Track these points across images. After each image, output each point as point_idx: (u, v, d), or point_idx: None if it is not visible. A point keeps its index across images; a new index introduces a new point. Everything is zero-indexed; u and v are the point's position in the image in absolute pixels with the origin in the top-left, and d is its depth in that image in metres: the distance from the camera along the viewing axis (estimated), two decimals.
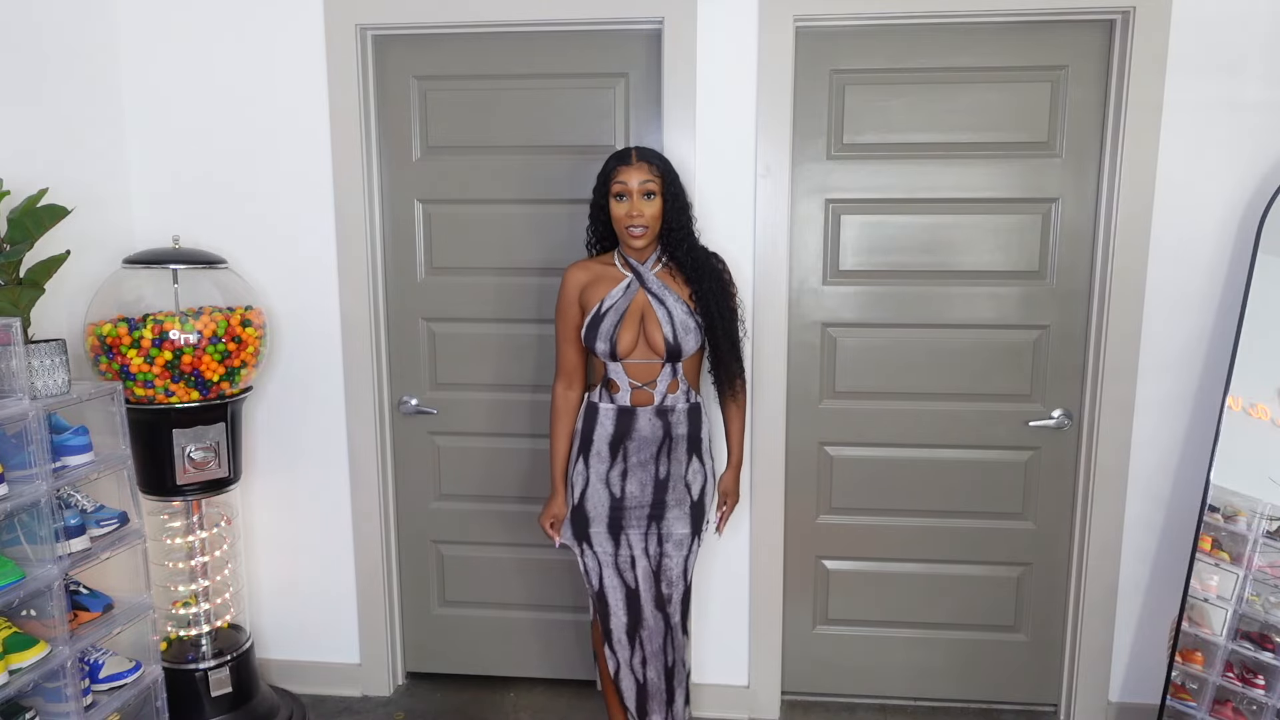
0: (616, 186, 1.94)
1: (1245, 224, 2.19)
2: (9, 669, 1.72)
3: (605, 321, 1.96)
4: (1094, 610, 2.40)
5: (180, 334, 2.11)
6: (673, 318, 1.95)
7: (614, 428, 1.98)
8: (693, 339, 1.96)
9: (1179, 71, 2.16)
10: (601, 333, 1.96)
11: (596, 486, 2.00)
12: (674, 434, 1.99)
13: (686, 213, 2.01)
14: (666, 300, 1.97)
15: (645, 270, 2.00)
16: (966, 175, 2.32)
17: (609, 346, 1.95)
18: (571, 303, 2.03)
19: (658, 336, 1.95)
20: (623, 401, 1.98)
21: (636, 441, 1.98)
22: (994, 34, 2.26)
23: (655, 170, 1.95)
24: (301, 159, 2.42)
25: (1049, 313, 2.37)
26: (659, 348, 1.95)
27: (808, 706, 2.58)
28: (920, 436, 2.44)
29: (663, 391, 1.98)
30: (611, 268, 2.02)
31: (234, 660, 2.36)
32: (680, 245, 1.98)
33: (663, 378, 1.98)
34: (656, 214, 1.95)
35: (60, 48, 2.23)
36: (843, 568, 2.54)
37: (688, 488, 2.03)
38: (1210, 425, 2.20)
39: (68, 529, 1.87)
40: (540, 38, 2.38)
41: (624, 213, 1.94)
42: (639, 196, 1.93)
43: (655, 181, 1.94)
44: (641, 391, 1.98)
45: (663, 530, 2.01)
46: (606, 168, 1.98)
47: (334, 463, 2.55)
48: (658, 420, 1.98)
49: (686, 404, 2.01)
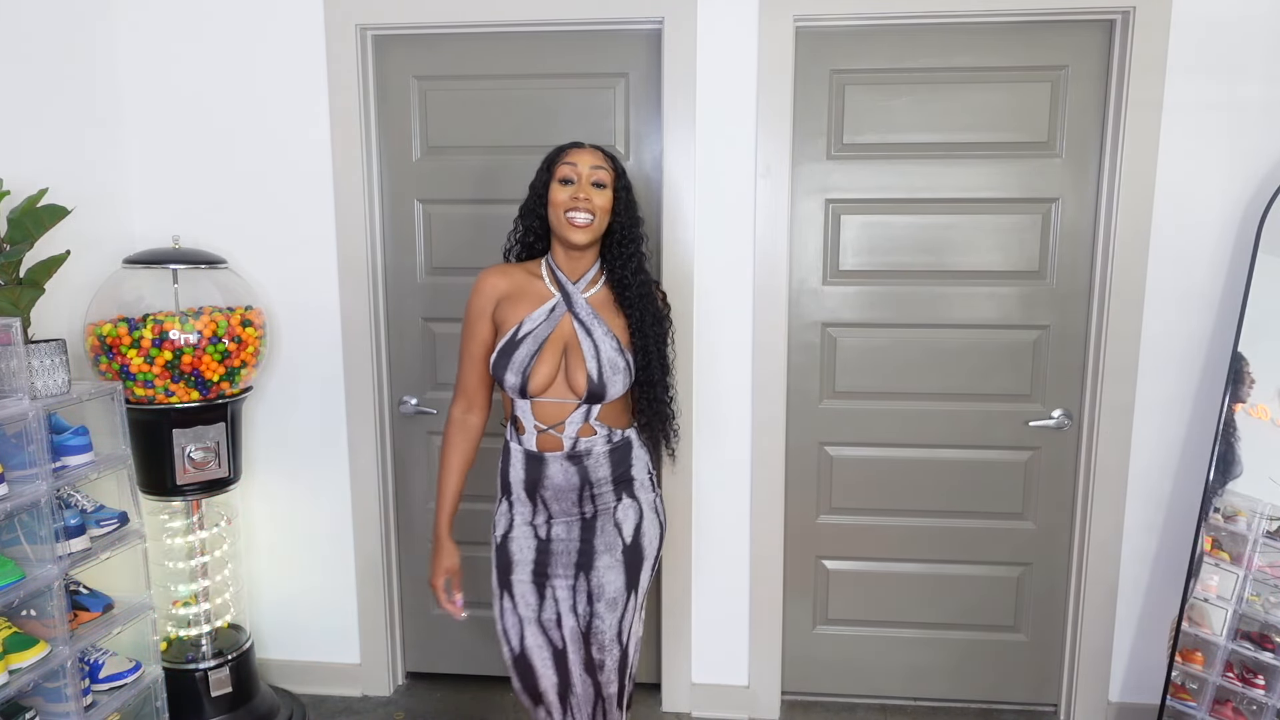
0: (564, 169, 1.67)
1: (1245, 224, 2.19)
2: (9, 669, 1.72)
3: (520, 350, 1.65)
4: (1094, 610, 2.40)
5: (180, 334, 2.11)
6: (599, 354, 1.66)
7: (524, 473, 1.71)
8: (620, 382, 1.67)
9: (1179, 71, 2.16)
10: (514, 363, 1.65)
11: (521, 528, 1.74)
12: (593, 478, 1.70)
13: (637, 225, 1.75)
14: (594, 332, 1.67)
15: (575, 292, 1.71)
16: (966, 175, 2.32)
17: (520, 381, 1.64)
18: (483, 315, 1.72)
19: (580, 376, 1.65)
20: (529, 445, 1.69)
21: (551, 490, 1.70)
22: (994, 34, 2.26)
23: (609, 163, 1.72)
24: (302, 159, 2.42)
25: (1049, 313, 2.37)
26: (579, 388, 1.65)
27: (808, 706, 2.58)
28: (920, 436, 2.44)
29: (572, 436, 1.68)
30: (537, 281, 1.72)
31: (234, 660, 2.36)
32: (627, 263, 1.71)
33: (572, 421, 1.68)
34: (605, 206, 1.69)
35: (61, 48, 2.23)
36: (843, 568, 2.54)
37: (618, 528, 1.71)
38: (1211, 425, 2.20)
39: (68, 529, 1.87)
40: (540, 38, 2.38)
41: (568, 196, 1.65)
42: (587, 182, 1.67)
43: (607, 173, 1.70)
44: (548, 435, 1.68)
45: (592, 584, 1.70)
46: (552, 154, 1.73)
47: (334, 463, 2.55)
48: (571, 466, 1.69)
49: (608, 445, 1.71)
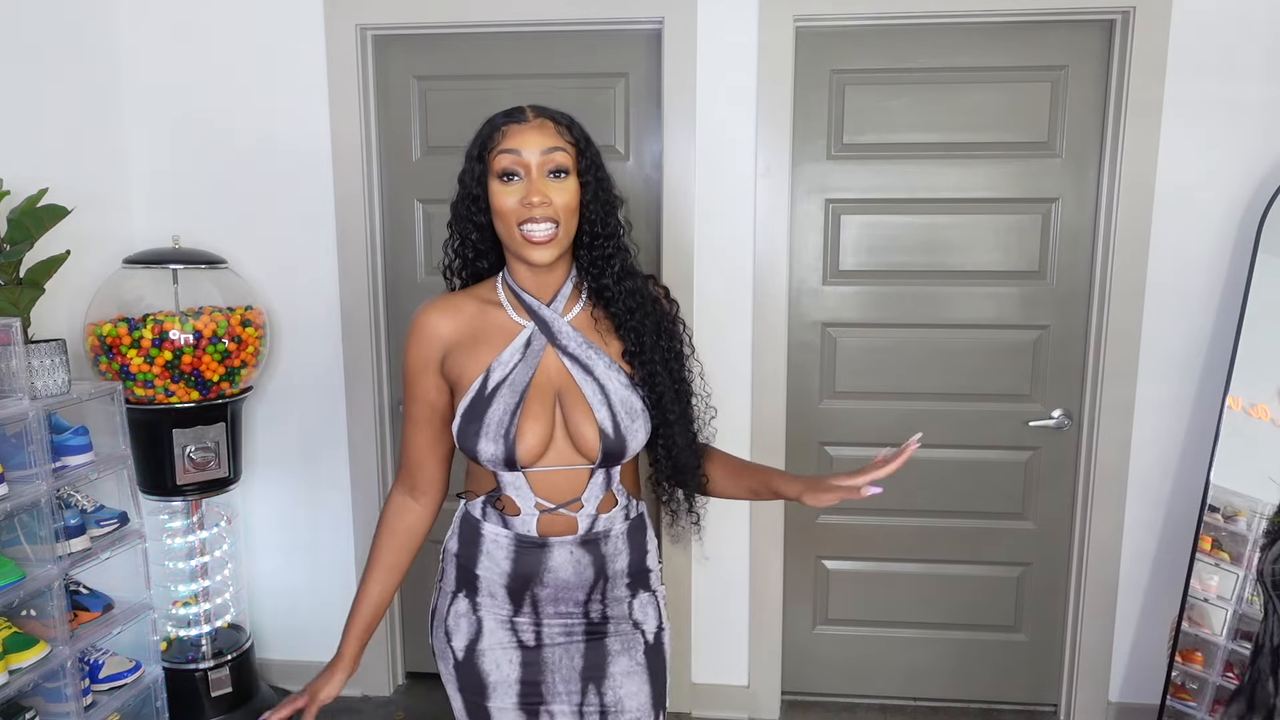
0: (503, 159, 1.16)
1: (1245, 224, 2.19)
2: (9, 669, 1.72)
3: (496, 406, 1.18)
4: (1094, 610, 2.40)
5: (180, 334, 2.11)
6: (609, 396, 1.20)
7: (513, 566, 1.24)
8: (641, 429, 1.22)
9: (1179, 72, 2.16)
10: (489, 426, 1.18)
11: (497, 634, 1.27)
12: (611, 570, 1.26)
13: (615, 212, 1.24)
14: (595, 367, 1.22)
15: (554, 317, 1.23)
16: (966, 175, 2.32)
17: (504, 449, 1.17)
18: (426, 369, 1.25)
19: (588, 429, 1.19)
20: (525, 530, 1.23)
21: (552, 588, 1.24)
22: (994, 34, 2.26)
23: (567, 135, 1.19)
24: (302, 159, 2.41)
25: (1049, 313, 2.37)
26: (589, 448, 1.19)
27: (808, 706, 2.58)
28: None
29: (591, 513, 1.23)
30: (496, 310, 1.25)
31: (234, 660, 2.36)
32: (607, 265, 1.23)
33: (591, 492, 1.23)
34: (571, 204, 1.17)
35: (61, 48, 2.22)
36: (843, 568, 2.54)
37: (637, 627, 1.30)
38: (1210, 425, 2.20)
39: (68, 529, 1.87)
40: (540, 38, 2.38)
41: (516, 201, 1.15)
42: (540, 174, 1.15)
43: (567, 153, 1.17)
44: (556, 517, 1.22)
45: (606, 700, 1.27)
46: (483, 132, 1.21)
47: (334, 463, 2.55)
48: (585, 556, 1.23)
49: (626, 522, 1.27)
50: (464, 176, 1.23)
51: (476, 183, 1.21)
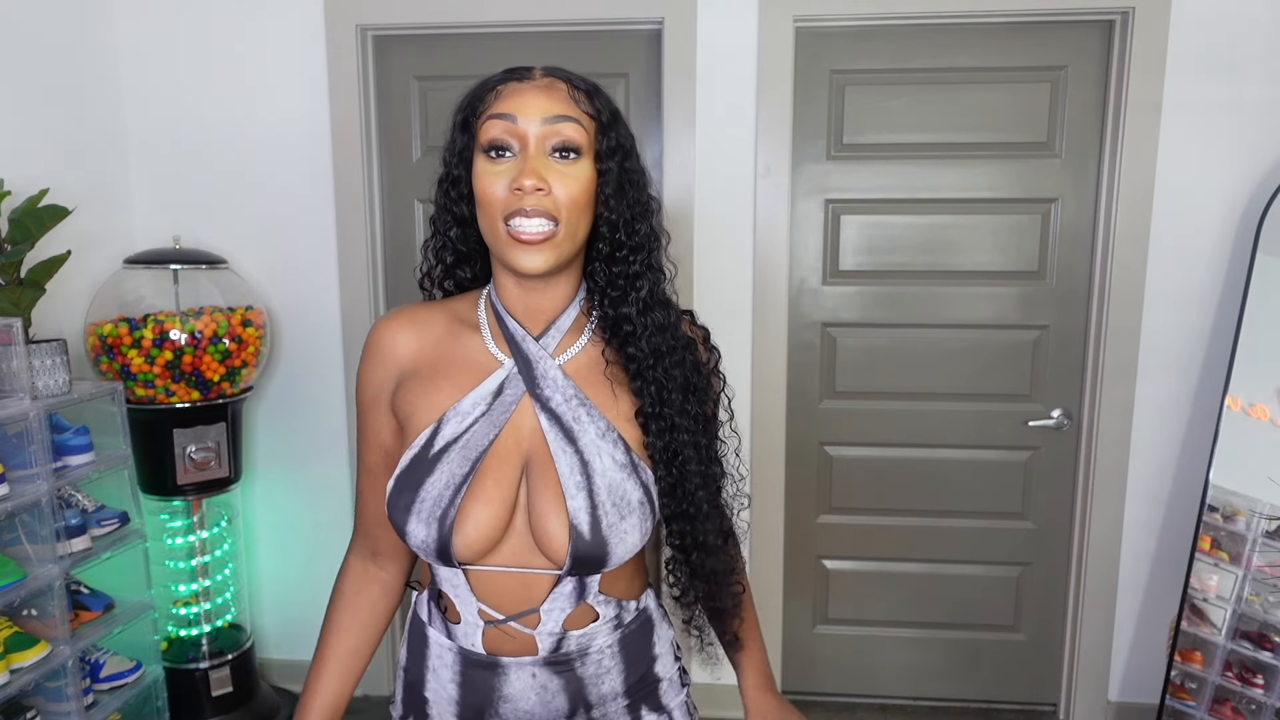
0: (492, 127, 0.86)
1: (1244, 224, 2.19)
2: (10, 668, 1.73)
3: (438, 476, 0.87)
4: (1093, 610, 2.40)
5: (181, 334, 2.12)
6: (591, 479, 0.87)
7: (460, 691, 0.94)
8: (635, 529, 0.88)
9: (1178, 72, 2.16)
10: (424, 502, 0.86)
11: None
12: (594, 694, 0.94)
13: (647, 216, 0.92)
14: (580, 435, 0.89)
15: (540, 355, 0.91)
16: (966, 175, 2.33)
17: (436, 537, 0.86)
18: (377, 400, 0.96)
19: (553, 524, 0.86)
20: (469, 644, 0.92)
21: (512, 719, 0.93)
22: (994, 34, 2.27)
23: (585, 104, 0.88)
24: (302, 159, 2.42)
25: (1048, 313, 2.37)
26: (554, 548, 0.86)
27: (808, 706, 2.59)
28: (920, 436, 2.44)
29: (555, 630, 0.91)
30: (470, 335, 0.94)
31: (234, 660, 2.36)
32: (630, 289, 0.91)
33: (555, 604, 0.90)
34: (579, 196, 0.86)
35: (61, 48, 2.23)
36: (843, 568, 2.55)
37: None
38: (1210, 425, 2.20)
39: (69, 528, 1.87)
40: (540, 38, 2.38)
41: (504, 185, 0.85)
42: (540, 151, 0.85)
43: (581, 125, 0.86)
44: (507, 632, 0.91)
45: None
46: (475, 90, 0.91)
47: (334, 462, 2.55)
48: (553, 680, 0.92)
49: (617, 632, 0.95)
50: (446, 152, 0.95)
51: (459, 159, 0.92)
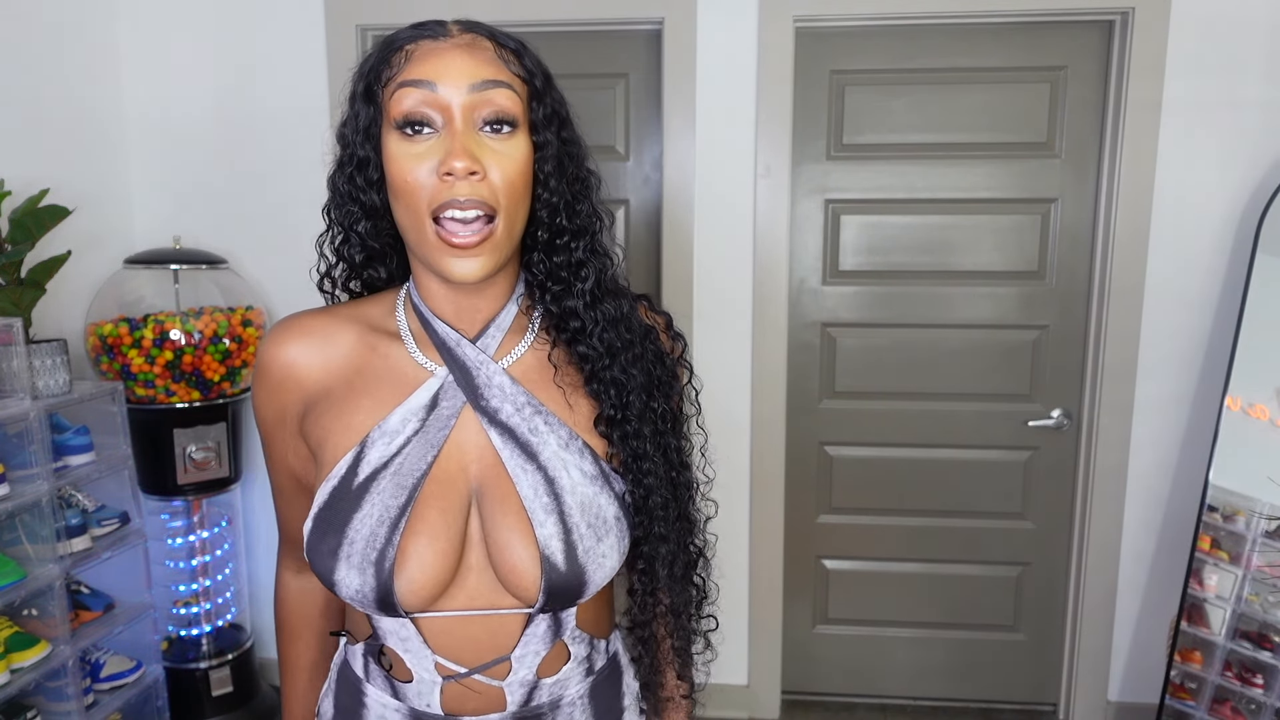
0: (406, 97, 0.73)
1: (1244, 224, 2.19)
2: (10, 668, 1.73)
3: (368, 509, 0.74)
4: (1093, 610, 2.40)
5: (181, 334, 2.12)
6: (560, 498, 0.75)
7: None
8: (613, 547, 0.77)
9: (1178, 72, 2.16)
10: (354, 544, 0.73)
11: None
12: None
13: (589, 194, 0.83)
14: (542, 447, 0.77)
15: (478, 358, 0.79)
16: (966, 176, 2.33)
17: (374, 584, 0.73)
18: (281, 423, 0.83)
19: (522, 554, 0.74)
20: (423, 704, 0.80)
21: None
22: (994, 34, 2.27)
23: (514, 64, 0.78)
24: (302, 159, 2.41)
25: (1048, 313, 2.37)
26: (524, 584, 0.75)
27: (808, 706, 2.59)
28: (920, 436, 2.45)
29: (528, 679, 0.80)
30: (388, 342, 0.81)
31: (234, 660, 2.36)
32: (575, 279, 0.80)
33: (529, 647, 0.79)
34: (517, 179, 0.74)
35: (62, 48, 2.23)
36: (843, 568, 2.55)
37: None
38: (1209, 425, 2.20)
39: (69, 528, 1.87)
40: (540, 38, 2.35)
41: (427, 170, 0.71)
42: (469, 124, 0.72)
43: (514, 91, 0.75)
44: (469, 690, 0.79)
45: None
46: (380, 50, 0.81)
47: None
48: None
49: (588, 679, 0.85)
50: (344, 128, 0.78)
51: (364, 136, 0.76)
